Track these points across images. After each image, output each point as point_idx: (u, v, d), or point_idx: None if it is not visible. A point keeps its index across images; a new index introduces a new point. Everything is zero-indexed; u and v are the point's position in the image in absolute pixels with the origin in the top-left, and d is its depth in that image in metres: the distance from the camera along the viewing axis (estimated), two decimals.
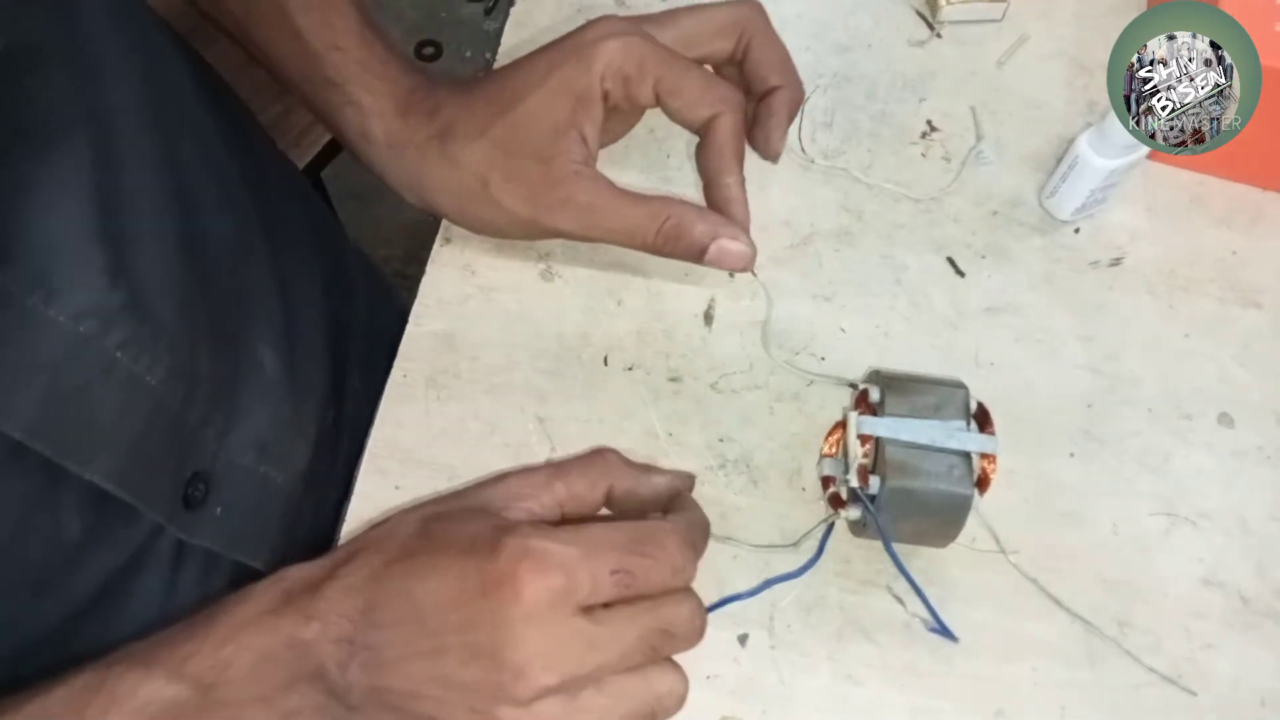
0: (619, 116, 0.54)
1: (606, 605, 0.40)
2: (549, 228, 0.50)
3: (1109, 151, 0.56)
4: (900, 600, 0.49)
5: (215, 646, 0.40)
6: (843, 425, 0.49)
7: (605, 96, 0.50)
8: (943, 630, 0.48)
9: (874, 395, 0.48)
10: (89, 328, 0.41)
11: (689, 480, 0.48)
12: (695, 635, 0.42)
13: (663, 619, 0.41)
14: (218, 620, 0.41)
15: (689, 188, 0.59)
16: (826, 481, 0.50)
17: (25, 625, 0.43)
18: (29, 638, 0.43)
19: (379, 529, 0.44)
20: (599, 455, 0.46)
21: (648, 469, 0.47)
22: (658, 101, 0.51)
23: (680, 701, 0.42)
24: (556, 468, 0.45)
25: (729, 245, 0.49)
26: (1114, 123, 0.54)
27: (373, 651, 0.40)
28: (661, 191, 0.59)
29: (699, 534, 0.45)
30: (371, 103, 0.53)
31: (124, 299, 0.42)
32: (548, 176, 0.50)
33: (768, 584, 0.49)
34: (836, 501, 0.49)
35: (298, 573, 0.42)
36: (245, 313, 0.52)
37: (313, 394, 0.58)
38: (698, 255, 0.50)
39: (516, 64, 0.52)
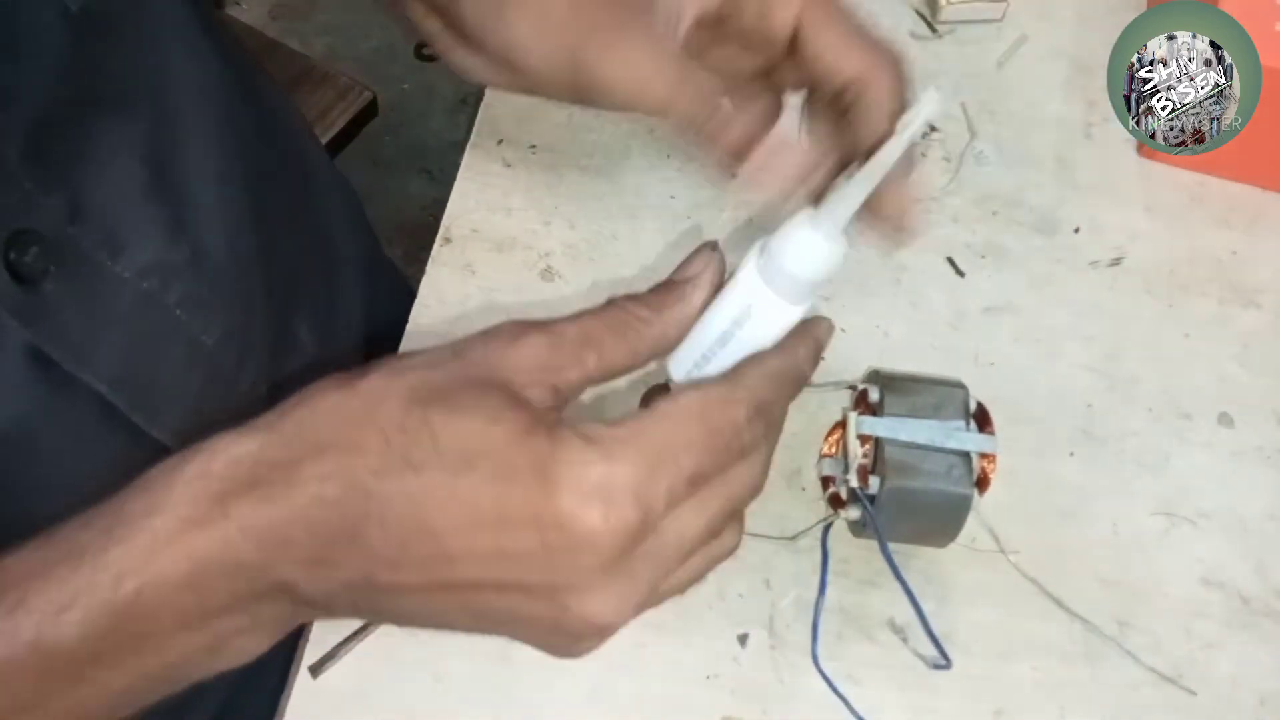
0: (733, 40, 0.44)
1: None
2: (590, 71, 0.42)
3: (788, 288, 0.37)
4: (902, 633, 0.49)
5: (110, 586, 0.32)
6: (842, 425, 0.49)
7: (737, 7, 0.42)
8: (939, 651, 0.47)
9: (873, 395, 0.48)
10: (151, 284, 0.42)
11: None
12: (756, 495, 0.36)
13: (732, 499, 0.35)
14: (118, 540, 0.32)
15: (689, 188, 0.59)
16: (826, 481, 0.50)
17: None
18: None
19: (341, 398, 0.34)
20: (626, 313, 0.37)
21: (680, 297, 0.37)
22: (795, 38, 0.42)
23: (733, 551, 0.37)
24: (583, 331, 0.36)
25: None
26: (801, 242, 0.36)
27: (366, 577, 0.33)
28: (663, 201, 0.59)
29: (783, 388, 0.36)
30: None
31: (185, 257, 0.43)
32: (646, 34, 0.42)
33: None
34: (836, 501, 0.49)
35: (228, 455, 0.33)
36: (291, 289, 0.53)
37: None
38: (728, 157, 0.42)
39: None
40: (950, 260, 0.58)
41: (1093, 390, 0.55)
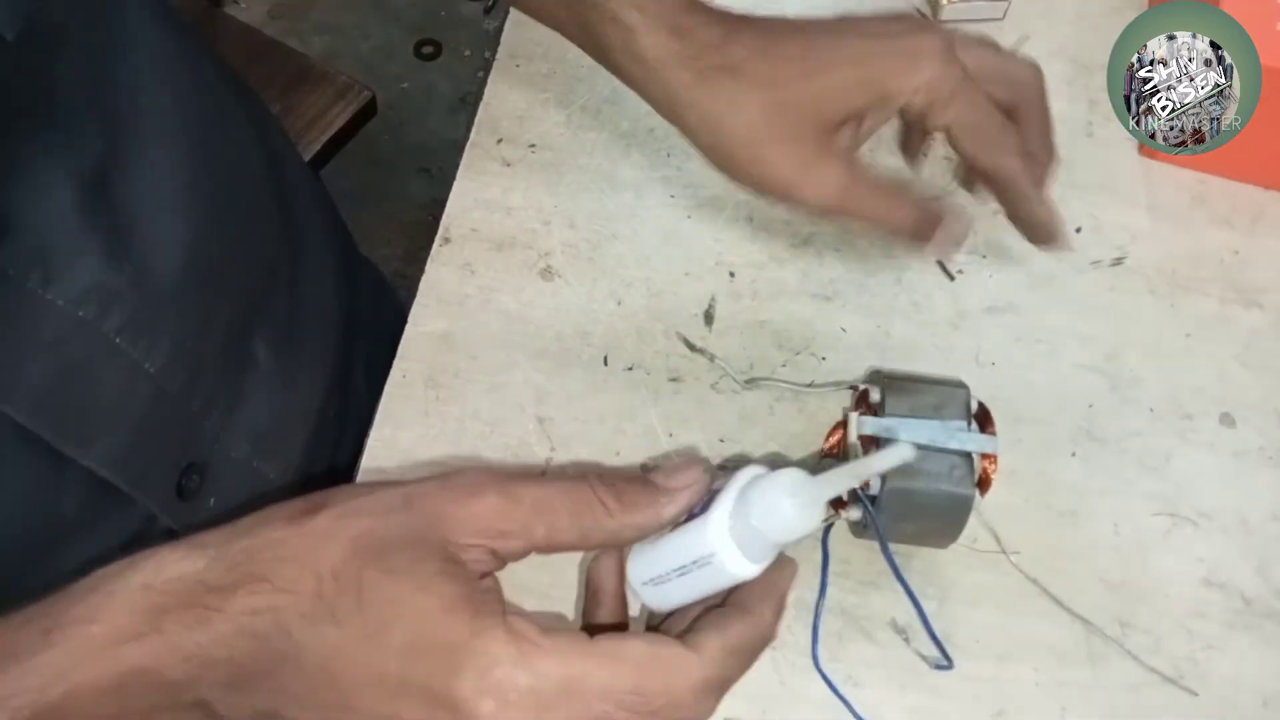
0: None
1: None
2: (804, 196, 0.47)
3: (754, 545, 0.37)
4: (903, 634, 0.49)
5: (40, 689, 0.33)
6: (843, 425, 0.49)
7: (905, 109, 0.48)
8: (940, 651, 0.47)
9: (874, 395, 0.48)
10: (88, 311, 0.41)
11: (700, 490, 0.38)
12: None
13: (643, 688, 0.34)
14: (53, 643, 0.33)
15: (689, 187, 0.59)
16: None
17: (7, 603, 0.43)
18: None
19: (288, 534, 0.35)
20: (592, 496, 0.36)
21: (651, 502, 0.37)
22: (947, 134, 0.48)
23: None
24: (540, 501, 0.36)
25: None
26: (771, 502, 0.36)
27: (275, 708, 0.34)
28: (663, 201, 0.59)
29: (740, 661, 0.36)
30: (639, 20, 0.48)
31: (125, 283, 0.42)
32: (823, 149, 0.47)
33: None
34: (837, 502, 0.49)
35: (173, 571, 0.34)
36: (249, 305, 0.52)
37: (311, 391, 0.58)
38: (938, 245, 0.48)
39: (825, 28, 0.49)
40: (940, 264, 0.58)
41: (1094, 390, 0.55)
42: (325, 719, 0.34)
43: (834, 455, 0.50)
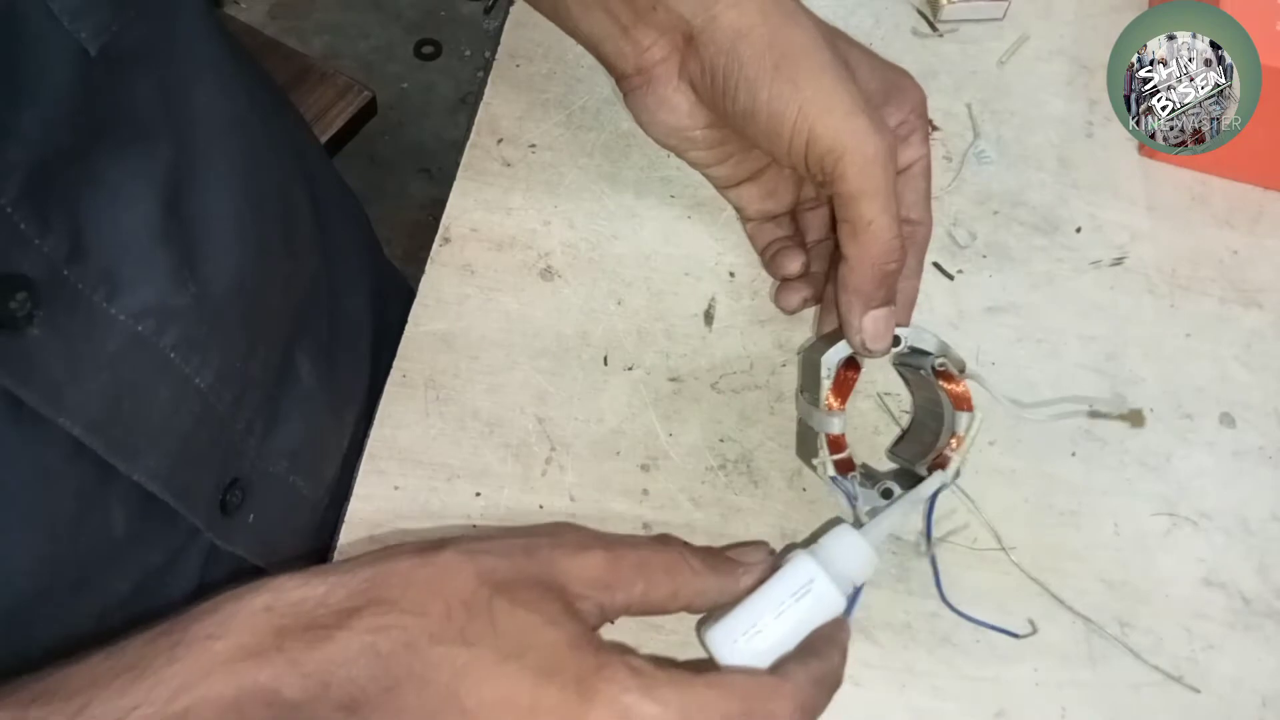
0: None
1: None
2: (857, 125, 0.44)
3: (839, 582, 0.42)
4: (904, 634, 0.49)
5: (165, 700, 0.33)
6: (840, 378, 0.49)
7: (898, 125, 0.49)
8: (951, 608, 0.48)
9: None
10: (147, 327, 0.41)
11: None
12: None
13: None
14: (178, 658, 0.34)
15: (689, 187, 0.59)
16: (835, 444, 0.48)
17: (61, 621, 0.43)
18: (61, 634, 0.43)
19: (415, 564, 0.37)
20: (681, 559, 0.40)
21: (731, 569, 0.41)
22: (901, 172, 0.49)
23: None
24: (640, 560, 0.39)
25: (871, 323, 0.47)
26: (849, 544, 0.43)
27: None
28: (663, 201, 0.59)
29: (822, 693, 0.38)
30: None
31: (188, 302, 0.42)
32: (870, 100, 0.46)
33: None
34: (847, 466, 0.48)
35: (295, 595, 0.35)
36: (294, 322, 0.52)
37: (349, 406, 0.58)
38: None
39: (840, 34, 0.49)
40: (936, 265, 0.58)
41: (1094, 390, 0.55)
42: None
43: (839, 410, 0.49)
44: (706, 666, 0.38)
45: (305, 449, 0.53)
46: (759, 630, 0.40)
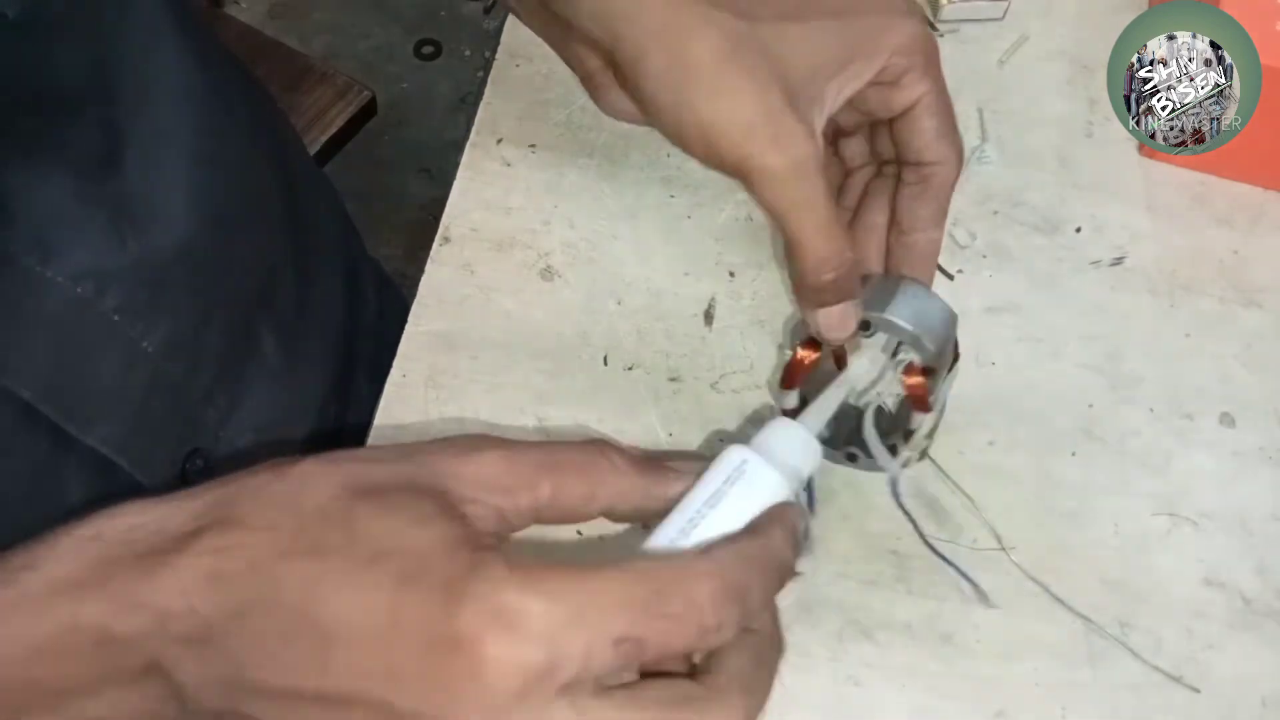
0: (848, 112, 0.46)
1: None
2: (762, 150, 0.41)
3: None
4: (905, 633, 0.49)
5: None
6: (800, 359, 0.48)
7: (878, 73, 0.43)
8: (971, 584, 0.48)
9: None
10: (86, 289, 0.41)
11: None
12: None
13: (683, 694, 0.31)
14: None
15: (689, 187, 0.59)
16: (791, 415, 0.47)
17: None
18: None
19: (268, 479, 0.32)
20: (601, 455, 0.34)
21: (662, 473, 0.36)
22: (905, 111, 0.44)
23: None
24: (546, 457, 0.34)
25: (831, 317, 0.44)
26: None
27: (242, 667, 0.29)
28: (663, 200, 0.59)
29: (754, 573, 0.32)
30: None
31: (129, 262, 0.42)
32: (790, 104, 0.41)
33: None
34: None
35: (128, 521, 0.31)
36: (259, 295, 0.53)
37: (314, 387, 0.58)
38: (810, 298, 0.44)
39: None
40: (937, 265, 0.58)
41: (1094, 390, 0.55)
42: (296, 679, 0.29)
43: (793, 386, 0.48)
44: None
45: (270, 427, 0.53)
46: (694, 524, 0.35)
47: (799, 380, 0.48)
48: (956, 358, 0.48)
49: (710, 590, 0.30)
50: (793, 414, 0.47)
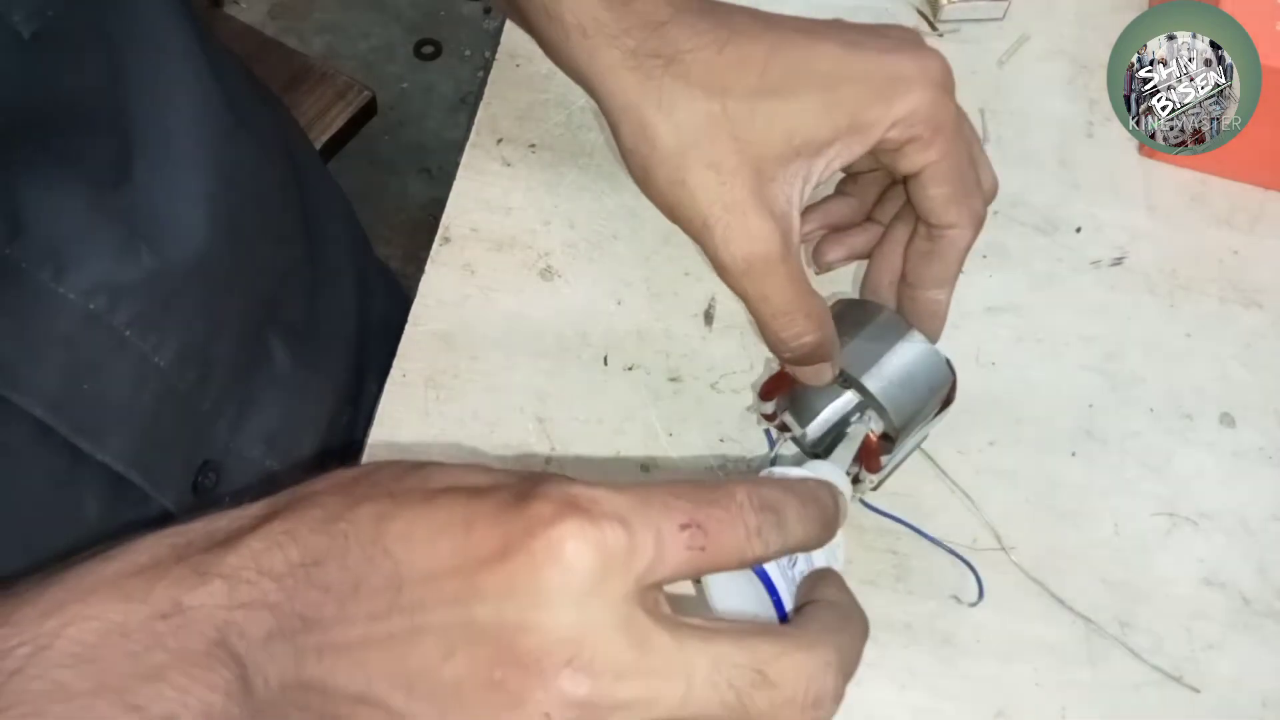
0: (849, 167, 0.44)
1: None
2: (715, 244, 0.41)
3: None
4: (905, 633, 0.49)
5: (35, 618, 0.28)
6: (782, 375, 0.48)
7: (878, 143, 0.41)
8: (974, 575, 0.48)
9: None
10: (98, 304, 0.41)
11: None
12: (816, 704, 0.29)
13: (757, 656, 0.29)
14: (60, 581, 0.29)
15: None
16: (769, 418, 0.48)
17: None
18: None
19: (340, 471, 0.32)
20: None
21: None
22: (912, 176, 0.42)
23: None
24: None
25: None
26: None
27: (310, 625, 0.28)
28: None
29: (791, 495, 0.32)
30: None
31: (140, 276, 0.42)
32: (758, 195, 0.40)
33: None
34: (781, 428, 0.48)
35: (210, 522, 0.30)
36: (269, 304, 0.52)
37: (326, 394, 0.58)
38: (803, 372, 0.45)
39: (799, 30, 0.41)
40: None
41: (1094, 390, 0.55)
42: (366, 630, 0.28)
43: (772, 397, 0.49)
44: None
45: (281, 435, 0.53)
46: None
47: (778, 394, 0.48)
48: (950, 401, 0.48)
49: (745, 493, 0.30)
50: (770, 419, 0.49)
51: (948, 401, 0.47)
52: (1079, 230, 0.60)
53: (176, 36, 0.46)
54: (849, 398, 0.46)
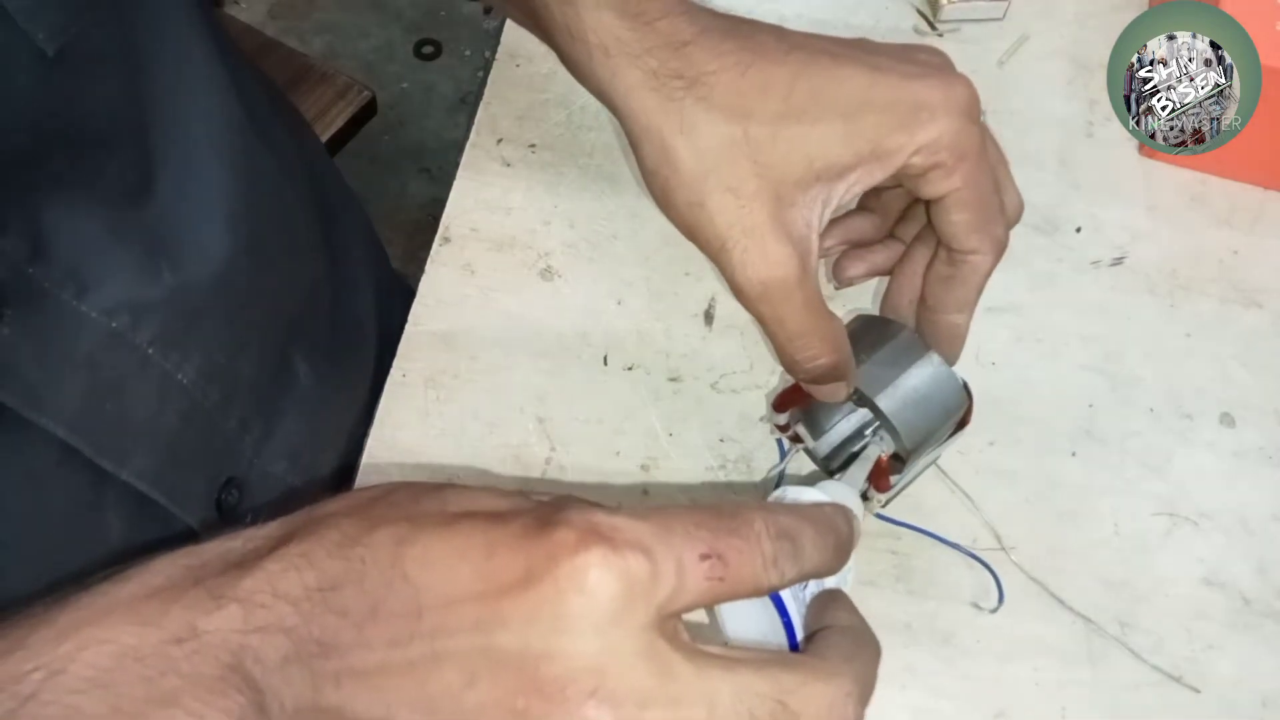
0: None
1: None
2: (732, 268, 0.40)
3: None
4: (905, 634, 0.49)
5: (49, 641, 0.27)
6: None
7: (900, 169, 0.41)
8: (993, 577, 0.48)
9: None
10: (121, 322, 0.41)
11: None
12: None
13: (780, 686, 0.29)
14: (76, 604, 0.28)
15: None
16: (782, 429, 0.49)
17: None
18: None
19: (356, 492, 0.32)
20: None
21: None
22: (934, 201, 0.42)
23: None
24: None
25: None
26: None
27: (327, 651, 0.28)
28: None
29: (806, 522, 0.33)
30: None
31: (162, 295, 0.42)
32: (777, 219, 0.39)
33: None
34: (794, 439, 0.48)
35: (225, 544, 0.30)
36: (292, 320, 0.52)
37: (347, 407, 0.58)
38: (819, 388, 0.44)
39: (823, 52, 0.41)
40: None
41: (1094, 390, 0.55)
42: (384, 657, 0.28)
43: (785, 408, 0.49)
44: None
45: (305, 451, 0.53)
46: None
47: (792, 406, 0.48)
48: (964, 424, 0.47)
49: (763, 521, 0.31)
50: (783, 429, 0.49)
51: (962, 424, 0.47)
52: (1079, 230, 0.60)
53: (197, 52, 0.46)
54: (862, 415, 0.47)
